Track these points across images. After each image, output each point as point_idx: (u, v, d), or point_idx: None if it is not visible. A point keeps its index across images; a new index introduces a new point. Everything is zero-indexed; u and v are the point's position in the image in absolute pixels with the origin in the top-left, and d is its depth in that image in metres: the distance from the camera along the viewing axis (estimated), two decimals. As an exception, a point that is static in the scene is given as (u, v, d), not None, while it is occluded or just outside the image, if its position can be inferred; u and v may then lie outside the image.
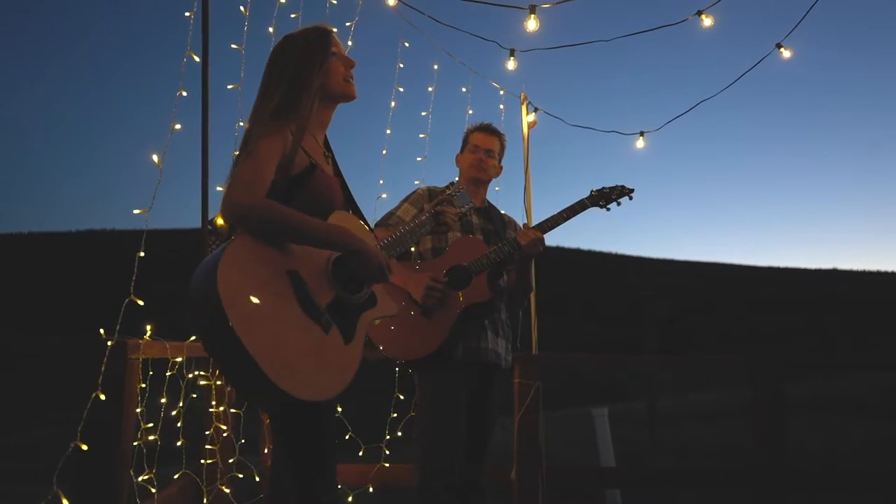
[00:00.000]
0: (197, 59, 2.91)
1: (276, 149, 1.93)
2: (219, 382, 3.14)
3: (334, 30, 2.18)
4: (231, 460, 3.24)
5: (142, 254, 2.56)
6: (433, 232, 2.45)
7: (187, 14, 2.88)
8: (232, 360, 1.71)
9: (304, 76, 2.04)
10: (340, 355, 1.89)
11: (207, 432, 3.11)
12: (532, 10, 3.82)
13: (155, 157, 2.61)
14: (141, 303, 2.46)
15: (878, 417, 10.85)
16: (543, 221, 3.01)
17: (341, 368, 1.88)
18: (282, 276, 1.83)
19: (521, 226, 3.22)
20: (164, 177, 2.60)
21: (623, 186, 3.10)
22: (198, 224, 3.14)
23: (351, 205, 2.23)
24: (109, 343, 2.36)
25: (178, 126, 2.72)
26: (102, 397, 2.27)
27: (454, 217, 2.46)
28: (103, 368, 2.31)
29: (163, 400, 2.79)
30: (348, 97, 2.17)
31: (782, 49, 4.17)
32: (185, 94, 2.80)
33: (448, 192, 2.62)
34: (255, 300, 1.73)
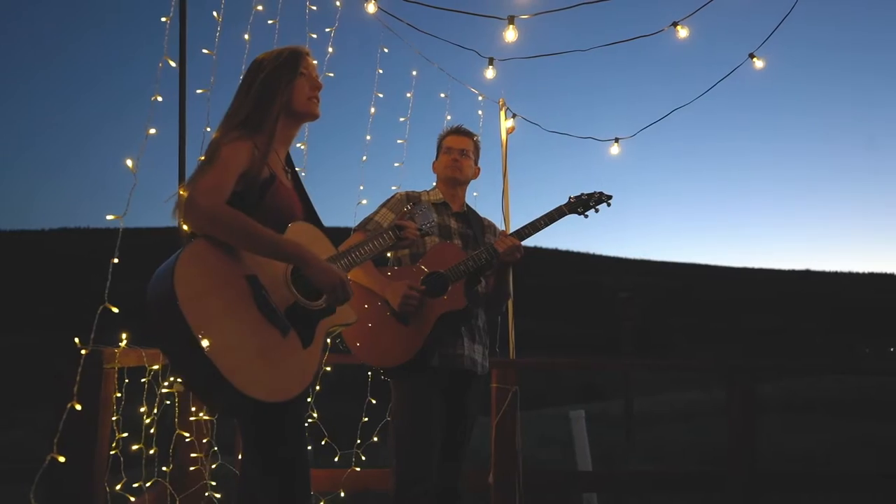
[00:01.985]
0: (174, 64, 2.89)
1: (239, 159, 2.00)
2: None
3: (308, 52, 2.24)
4: (193, 468, 3.22)
5: (116, 260, 2.53)
6: (394, 248, 2.48)
7: (163, 19, 2.85)
8: (188, 360, 1.79)
9: (272, 92, 2.12)
10: (298, 358, 1.95)
11: (183, 437, 3.09)
12: (511, 20, 3.84)
13: (129, 162, 2.58)
14: (116, 310, 2.44)
15: (853, 417, 11.03)
16: (521, 228, 2.99)
17: (298, 371, 1.94)
18: (240, 279, 1.90)
19: (500, 231, 3.21)
20: (145, 176, 2.57)
21: (601, 193, 3.08)
22: (172, 223, 3.14)
23: (312, 217, 2.27)
24: (84, 352, 2.34)
25: (152, 130, 2.69)
26: (78, 407, 2.25)
27: (414, 233, 2.50)
28: (78, 378, 2.29)
29: (142, 409, 2.77)
30: (311, 116, 2.23)
31: (755, 59, 4.23)
32: (160, 98, 2.77)
33: (410, 209, 2.63)
34: (211, 301, 1.81)
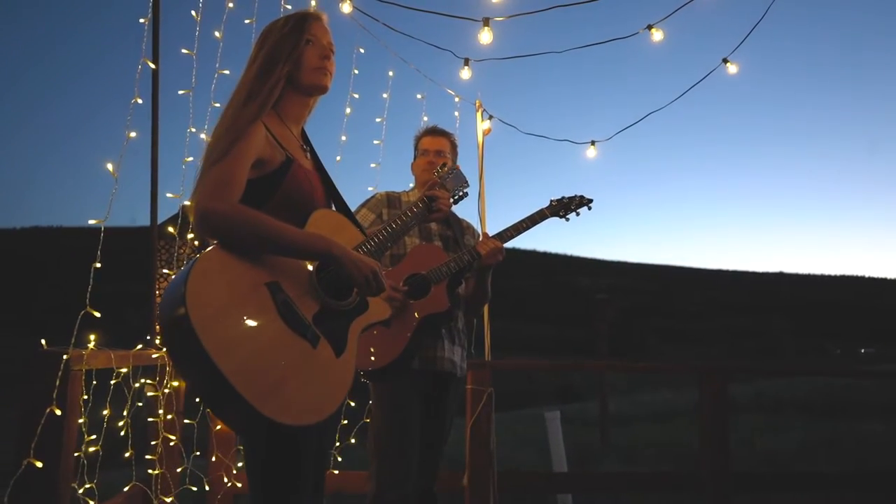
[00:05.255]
0: (153, 66, 2.86)
1: (250, 145, 1.77)
2: (166, 391, 3.08)
3: (319, 16, 2.03)
4: (179, 469, 3.18)
5: (98, 265, 2.48)
6: (425, 221, 2.36)
7: (142, 20, 2.82)
8: (209, 387, 1.56)
9: (273, 67, 1.90)
10: (331, 371, 1.75)
11: (154, 442, 3.05)
12: (486, 21, 3.85)
13: (110, 166, 2.53)
14: (98, 314, 2.40)
15: (824, 417, 11.20)
16: (503, 231, 2.96)
17: (333, 385, 1.74)
18: (260, 289, 1.68)
19: (480, 234, 3.19)
20: (120, 176, 2.54)
21: (582, 196, 3.08)
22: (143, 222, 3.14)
23: (335, 199, 2.10)
24: (49, 353, 2.30)
25: (133, 134, 2.65)
26: (56, 411, 2.21)
27: (447, 203, 2.33)
28: (45, 380, 2.25)
29: (105, 412, 2.72)
30: (319, 89, 2.00)
31: (729, 64, 4.28)
32: (139, 101, 2.74)
33: (441, 171, 2.48)
34: (230, 319, 1.59)
